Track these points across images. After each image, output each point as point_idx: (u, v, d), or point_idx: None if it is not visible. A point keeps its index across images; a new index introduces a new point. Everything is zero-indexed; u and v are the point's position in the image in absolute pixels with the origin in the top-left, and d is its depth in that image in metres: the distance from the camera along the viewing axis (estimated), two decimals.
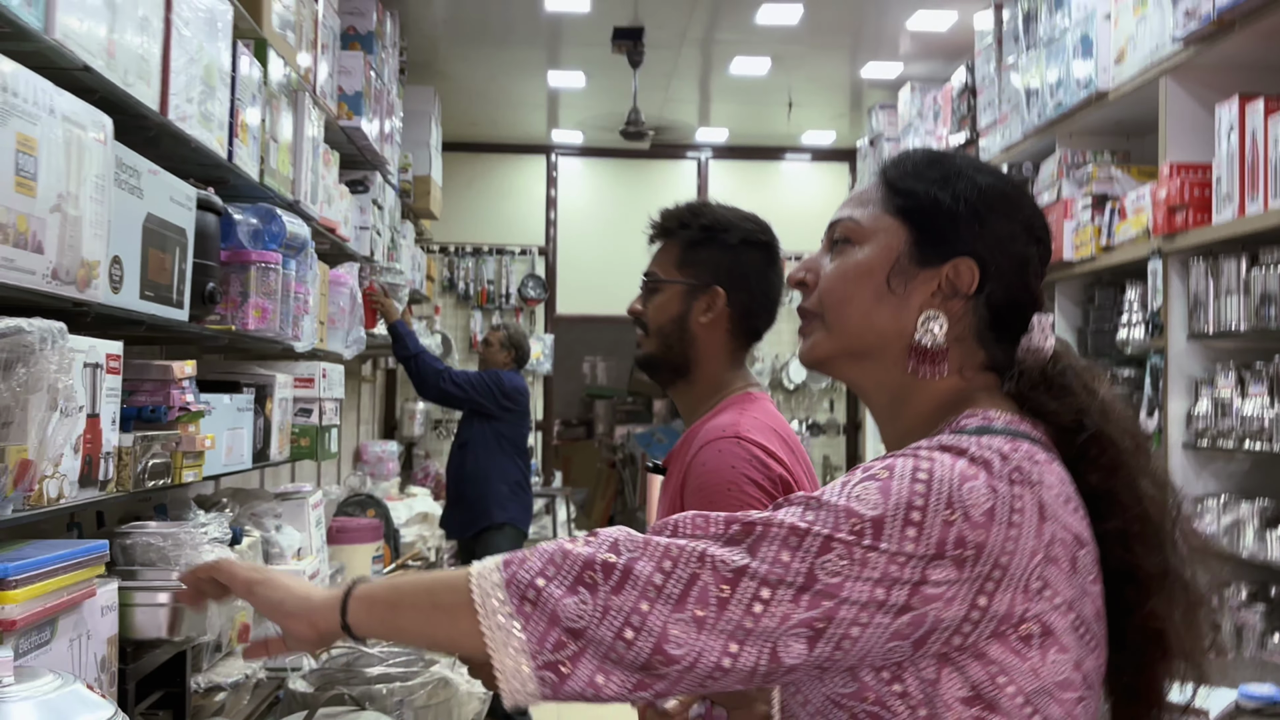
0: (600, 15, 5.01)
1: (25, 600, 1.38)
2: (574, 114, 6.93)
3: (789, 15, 4.98)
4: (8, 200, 1.41)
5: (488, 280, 7.67)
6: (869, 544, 0.88)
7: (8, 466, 1.44)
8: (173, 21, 2.04)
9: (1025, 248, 1.06)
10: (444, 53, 5.61)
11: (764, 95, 6.36)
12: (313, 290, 3.12)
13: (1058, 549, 0.92)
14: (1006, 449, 0.94)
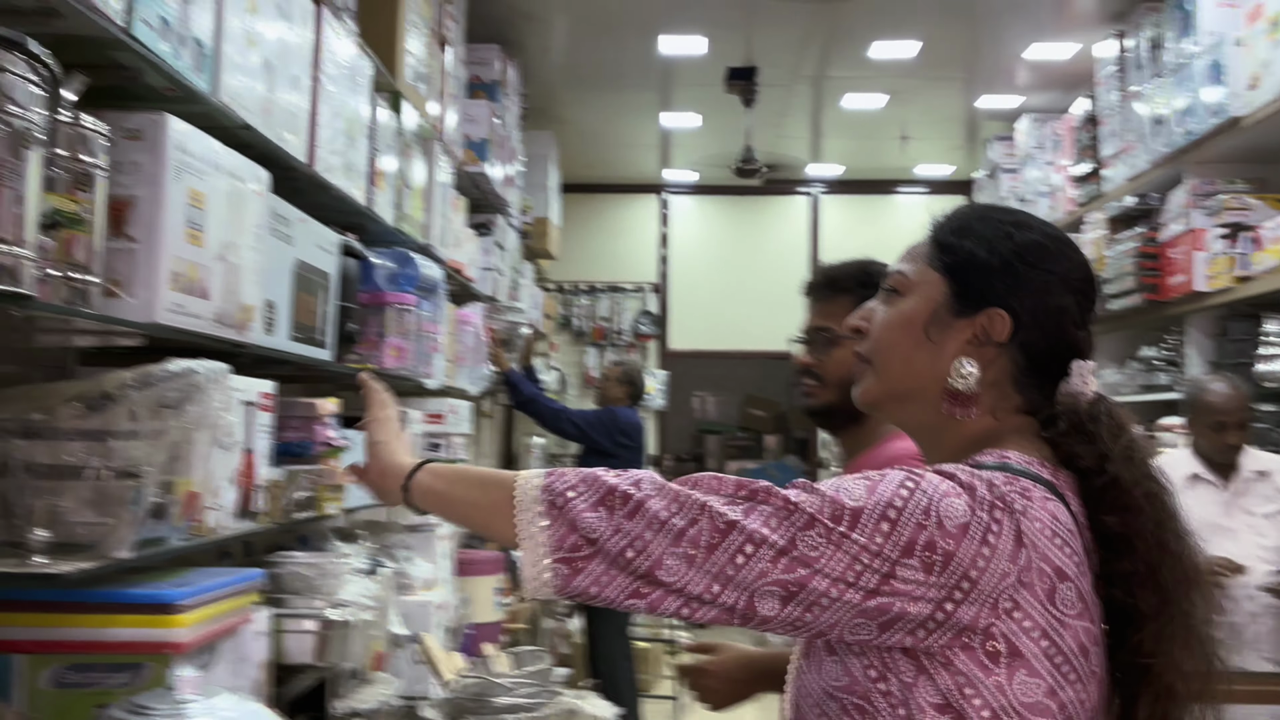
0: (714, 56, 5.08)
1: (193, 625, 1.48)
2: (687, 153, 7.02)
3: (905, 50, 4.98)
4: (180, 250, 1.52)
5: (602, 317, 7.79)
6: (844, 530, 0.97)
7: (177, 498, 1.54)
8: (320, 79, 2.16)
9: (1061, 298, 1.11)
10: (561, 97, 5.76)
11: (878, 129, 6.34)
12: (443, 329, 3.25)
13: (1033, 576, 0.98)
14: (999, 480, 1.01)
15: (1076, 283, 1.13)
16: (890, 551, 0.96)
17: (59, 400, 1.40)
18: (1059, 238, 1.16)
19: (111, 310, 1.43)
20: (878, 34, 4.82)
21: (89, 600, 1.43)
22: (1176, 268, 3.95)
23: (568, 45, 5.03)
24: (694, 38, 4.91)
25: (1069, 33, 4.79)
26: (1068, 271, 1.13)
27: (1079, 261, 1.15)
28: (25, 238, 1.16)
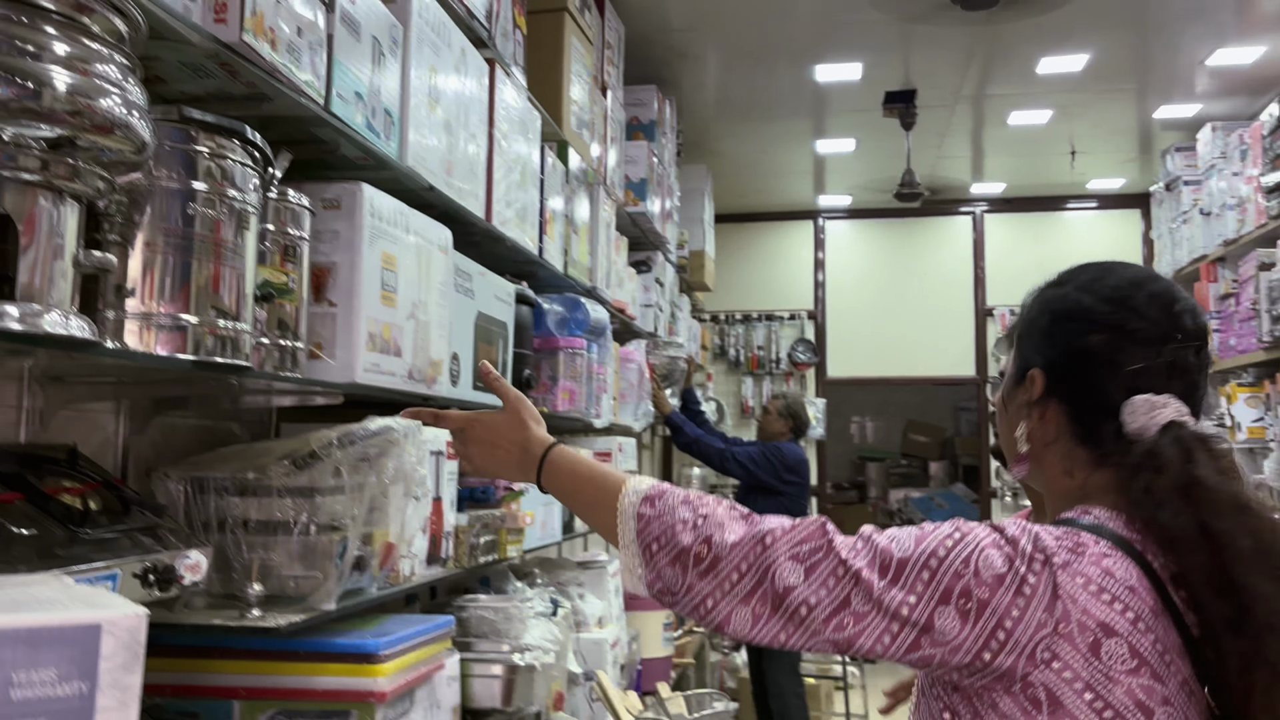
0: (870, 82, 5.02)
1: (393, 674, 1.53)
2: (842, 178, 6.94)
3: (1072, 64, 4.80)
4: (375, 312, 1.59)
5: (758, 346, 7.76)
6: (888, 582, 1.01)
7: (375, 550, 1.60)
8: (494, 135, 2.24)
9: (1084, 341, 1.12)
10: (715, 131, 5.79)
11: (1044, 145, 6.12)
12: (609, 369, 3.29)
13: (1073, 629, 0.99)
14: (1047, 536, 1.03)
15: (1103, 319, 1.12)
16: (930, 600, 1.01)
17: (270, 459, 1.48)
18: (1096, 279, 1.16)
19: (315, 372, 1.51)
20: (1043, 49, 4.66)
21: (298, 649, 1.50)
22: None
23: (721, 79, 5.06)
24: (849, 65, 4.85)
25: (1254, 36, 4.52)
26: (1091, 310, 1.13)
27: (1112, 300, 1.13)
28: (244, 312, 1.23)
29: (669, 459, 7.71)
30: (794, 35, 4.51)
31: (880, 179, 6.67)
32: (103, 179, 0.98)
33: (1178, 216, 6.08)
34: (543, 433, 1.29)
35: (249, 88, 1.34)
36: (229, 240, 1.19)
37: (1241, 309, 5.13)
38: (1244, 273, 5.09)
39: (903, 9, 4.20)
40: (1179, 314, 1.12)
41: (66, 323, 0.95)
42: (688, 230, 5.76)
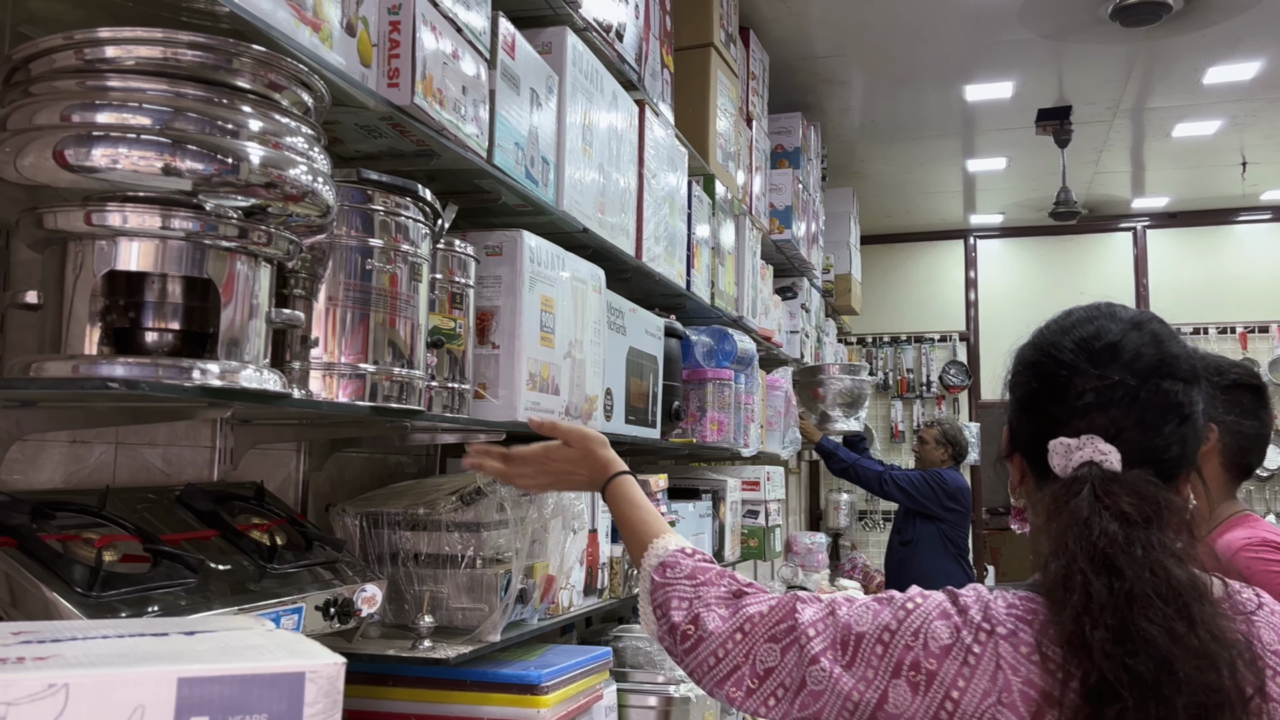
0: (1022, 99, 4.89)
1: (555, 704, 1.57)
2: (993, 197, 6.76)
3: (1242, 72, 4.56)
4: (535, 353, 1.65)
5: (907, 369, 7.61)
6: (847, 662, 1.06)
7: (536, 582, 1.65)
8: (644, 174, 2.29)
9: (1026, 387, 1.14)
10: (860, 153, 5.74)
11: (1211, 157, 5.83)
12: (756, 398, 3.30)
13: (1015, 697, 0.99)
14: (998, 605, 1.04)
15: (1038, 363, 1.13)
16: (883, 674, 1.04)
17: (439, 495, 1.55)
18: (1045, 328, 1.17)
19: (479, 412, 1.57)
20: (1210, 59, 4.45)
21: (466, 679, 1.56)
22: None
23: (866, 103, 5.01)
24: (999, 84, 4.74)
25: None
26: (1032, 358, 1.15)
27: (1049, 340, 1.14)
28: (416, 358, 1.30)
29: (816, 484, 7.63)
30: (941, 56, 4.44)
31: (1034, 197, 6.47)
32: (292, 241, 1.06)
33: None
34: (609, 455, 1.42)
35: (418, 145, 1.41)
36: (403, 291, 1.26)
37: None
38: None
39: (1055, 27, 4.08)
40: (1105, 351, 1.09)
41: (260, 376, 1.03)
42: (833, 254, 5.72)
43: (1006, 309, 7.43)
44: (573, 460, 1.41)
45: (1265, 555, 1.66)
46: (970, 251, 7.59)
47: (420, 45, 1.29)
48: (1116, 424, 1.06)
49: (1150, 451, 1.06)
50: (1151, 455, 1.06)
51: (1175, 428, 1.07)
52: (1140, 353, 1.08)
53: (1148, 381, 1.07)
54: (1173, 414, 1.07)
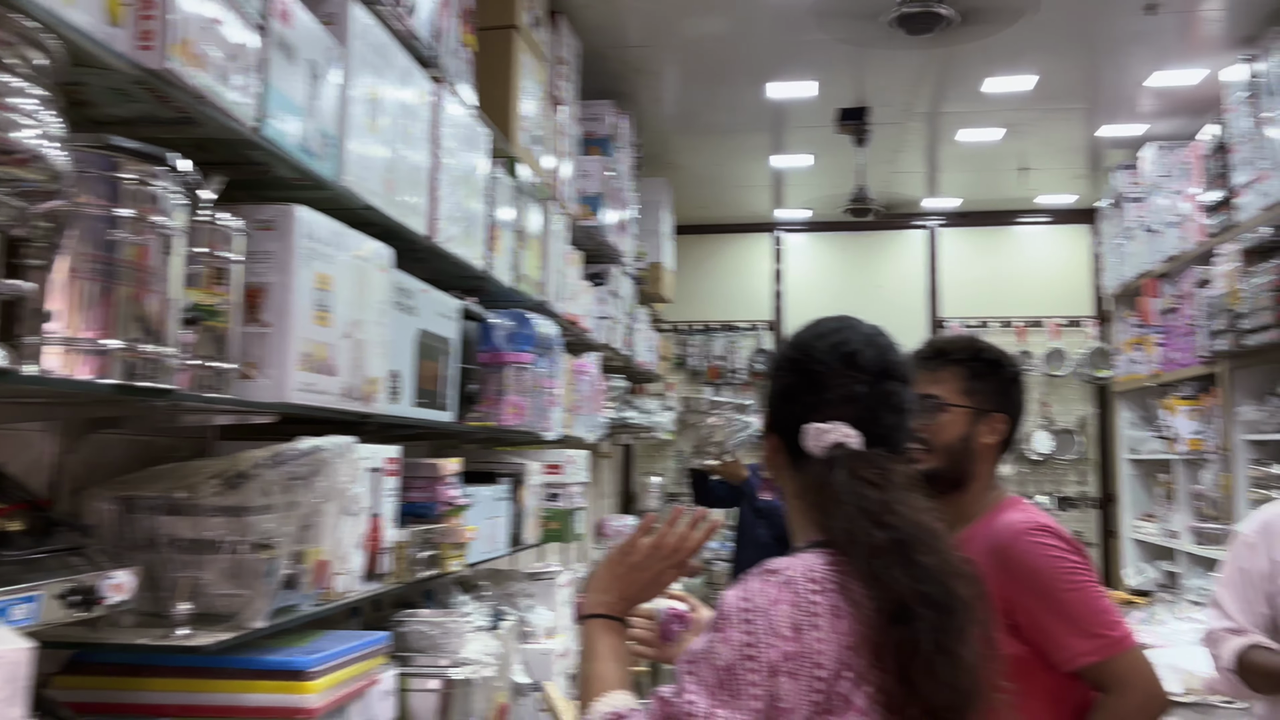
0: (825, 99, 5.08)
1: (323, 690, 1.54)
2: (799, 193, 7.01)
3: (1021, 84, 4.89)
4: (309, 332, 1.61)
5: (717, 356, 7.81)
6: (728, 696, 1.16)
7: (308, 567, 1.62)
8: (438, 153, 2.26)
9: (785, 379, 1.36)
10: (674, 144, 5.83)
11: (996, 161, 6.22)
12: (560, 382, 3.32)
13: (858, 640, 1.17)
14: (810, 565, 1.21)
15: (795, 361, 1.35)
16: (764, 682, 1.15)
17: (200, 478, 1.49)
18: (797, 332, 1.40)
19: (247, 392, 1.52)
20: (991, 70, 4.74)
21: (228, 667, 1.51)
22: None
23: (679, 95, 5.10)
24: (804, 83, 4.92)
25: (1194, 59, 4.62)
26: (789, 355, 1.37)
27: (802, 344, 1.37)
28: (168, 335, 1.25)
29: (629, 467, 7.74)
30: (749, 54, 4.56)
31: (837, 194, 6.74)
32: (20, 208, 0.99)
33: (1123, 232, 6.21)
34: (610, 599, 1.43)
35: (178, 111, 1.35)
36: (153, 264, 1.21)
37: (1181, 324, 5.24)
38: (1184, 289, 5.20)
39: (848, 31, 4.26)
40: (850, 356, 1.33)
41: None
42: (645, 242, 5.80)
43: (811, 300, 7.71)
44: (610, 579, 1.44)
45: (1045, 540, 1.82)
46: (778, 244, 7.84)
47: (175, 7, 1.23)
48: (857, 413, 1.31)
49: (882, 435, 1.32)
50: (885, 437, 1.32)
51: (898, 418, 1.34)
52: (873, 359, 1.34)
53: (879, 382, 1.33)
54: (897, 407, 1.34)
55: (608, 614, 1.41)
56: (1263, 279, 4.11)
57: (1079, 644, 1.73)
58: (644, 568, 1.44)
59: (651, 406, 6.44)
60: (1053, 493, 7.20)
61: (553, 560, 4.81)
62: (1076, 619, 1.74)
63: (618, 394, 5.27)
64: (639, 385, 7.07)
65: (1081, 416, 7.23)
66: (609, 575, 1.44)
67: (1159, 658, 3.21)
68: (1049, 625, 1.74)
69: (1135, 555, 6.30)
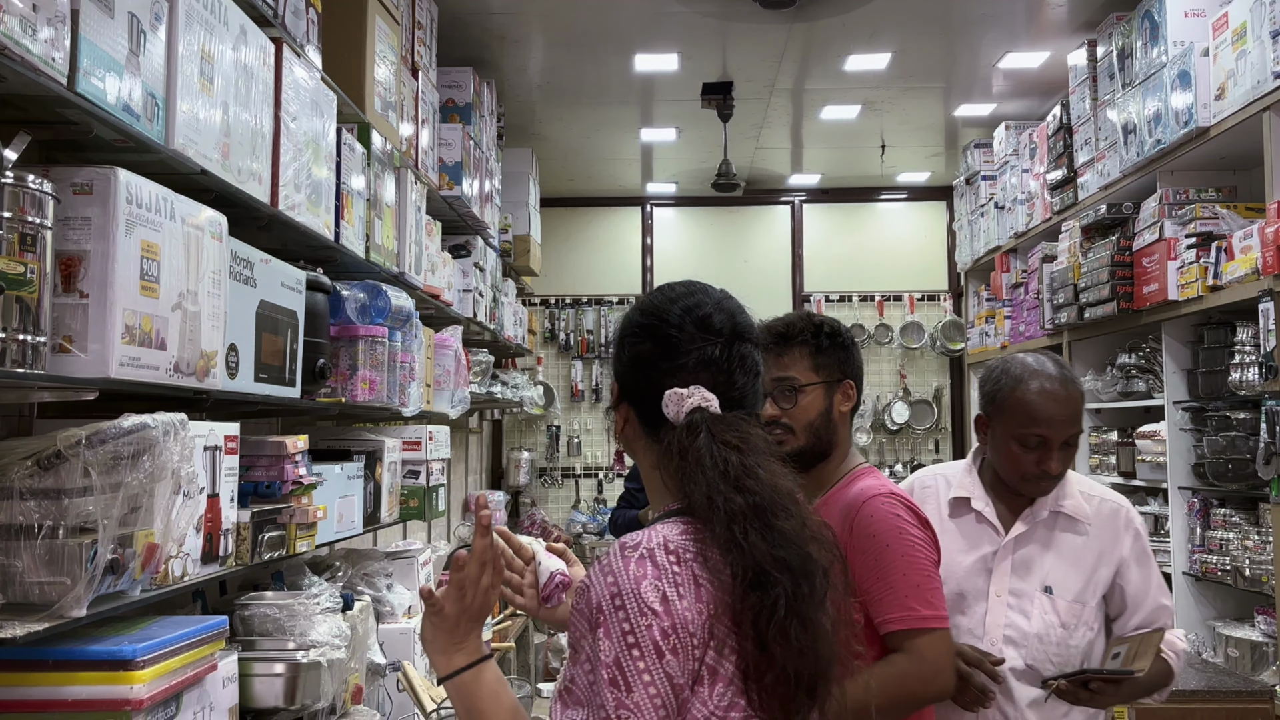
0: (689, 73, 5.09)
1: (152, 679, 1.47)
2: (667, 166, 7.03)
3: (877, 62, 4.99)
4: (134, 304, 1.52)
5: (587, 330, 7.80)
6: (626, 686, 1.14)
7: (136, 551, 1.54)
8: (281, 117, 2.16)
9: (638, 346, 1.34)
10: (540, 115, 5.77)
11: (856, 139, 6.36)
12: (418, 356, 3.24)
13: (720, 608, 1.17)
14: (667, 536, 1.20)
15: (651, 327, 1.33)
16: (653, 666, 1.14)
17: (12, 460, 1.40)
18: (648, 298, 1.38)
19: (63, 367, 1.43)
20: (850, 47, 4.83)
21: (46, 658, 1.43)
22: (1150, 276, 3.96)
23: (544, 64, 5.04)
24: (666, 55, 4.91)
25: (1040, 41, 4.81)
26: (642, 323, 1.35)
27: (655, 310, 1.35)
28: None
29: (498, 443, 7.68)
30: (613, 23, 4.53)
31: (703, 169, 6.79)
32: None
33: (976, 209, 6.44)
34: (451, 652, 1.35)
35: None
36: None
37: (1029, 298, 5.47)
38: (1031, 264, 5.43)
39: (710, 6, 4.27)
40: (705, 319, 1.32)
41: None
42: (511, 214, 5.72)
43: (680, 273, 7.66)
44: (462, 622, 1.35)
45: (891, 507, 1.89)
46: (647, 218, 7.85)
47: None
48: (714, 378, 1.30)
49: (739, 398, 1.31)
50: (740, 400, 1.31)
51: (752, 380, 1.34)
52: (725, 322, 1.33)
53: (732, 345, 1.32)
54: (751, 369, 1.34)
55: (463, 666, 1.32)
56: (1101, 254, 4.32)
57: (890, 610, 1.80)
58: (463, 606, 1.34)
59: (520, 381, 6.39)
60: (910, 461, 7.45)
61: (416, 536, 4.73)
62: (895, 586, 1.80)
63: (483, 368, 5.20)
64: (507, 360, 7.01)
65: (938, 387, 7.50)
66: (436, 634, 1.35)
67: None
68: (870, 586, 1.81)
69: None
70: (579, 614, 1.20)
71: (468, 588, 1.34)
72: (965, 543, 2.15)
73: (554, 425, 7.73)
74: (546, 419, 7.72)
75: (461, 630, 1.34)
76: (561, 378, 7.81)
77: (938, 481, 2.23)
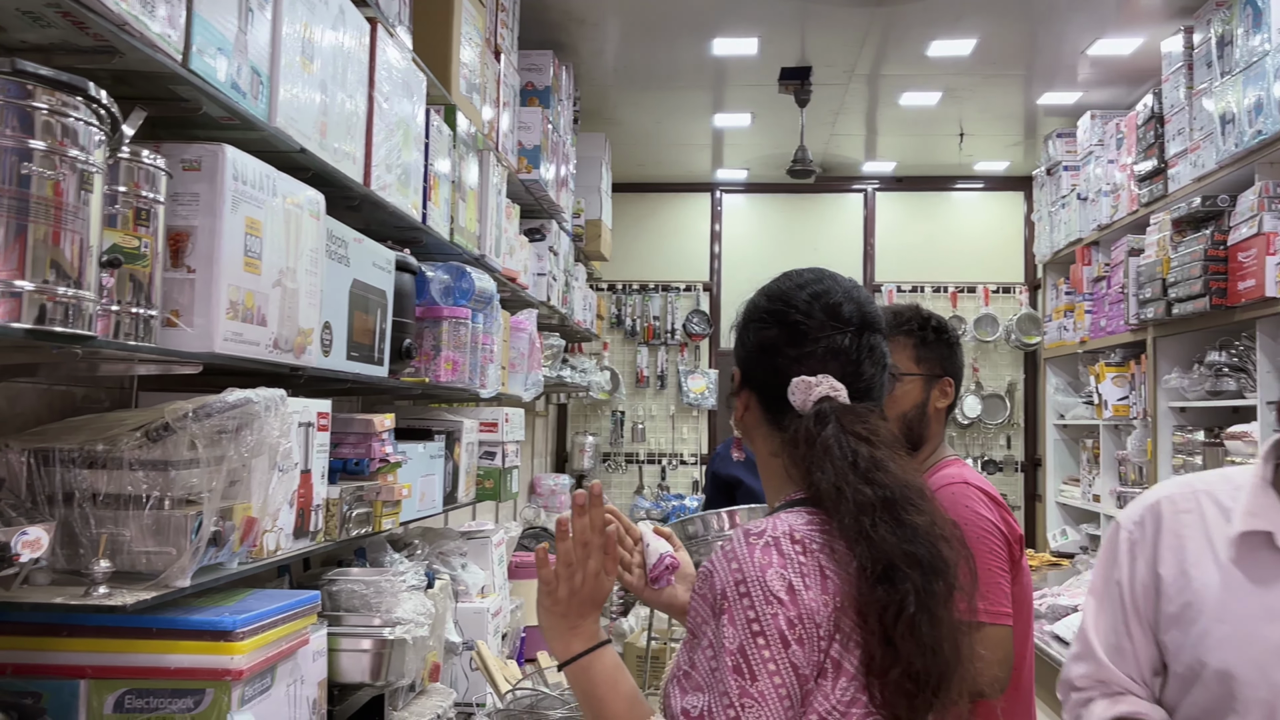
0: (767, 57, 5.04)
1: (250, 651, 1.49)
2: (739, 152, 6.97)
3: (961, 48, 4.89)
4: (237, 280, 1.54)
5: (654, 316, 7.78)
6: (751, 676, 1.12)
7: (235, 524, 1.56)
8: (375, 98, 2.17)
9: (761, 334, 1.32)
10: (614, 99, 5.75)
11: (934, 126, 6.25)
12: (496, 339, 3.25)
13: (845, 601, 1.15)
14: (793, 526, 1.19)
15: (780, 313, 1.32)
16: (778, 655, 1.12)
17: (121, 431, 1.42)
18: (776, 284, 1.36)
19: (170, 341, 1.45)
20: (934, 33, 4.74)
21: (151, 626, 1.45)
22: (1246, 272, 3.83)
23: (620, 47, 5.01)
24: (746, 39, 4.86)
25: (1132, 27, 4.67)
26: (768, 308, 1.33)
27: (784, 295, 1.33)
28: (87, 278, 1.17)
29: (563, 427, 7.71)
30: (694, 6, 4.49)
31: (776, 154, 6.72)
32: None
33: (1057, 200, 6.29)
34: (569, 638, 1.34)
35: (97, 40, 1.26)
36: (70, 202, 1.13)
37: (1112, 292, 5.34)
38: (1115, 257, 5.29)
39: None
40: (834, 308, 1.30)
41: None
42: (584, 199, 5.72)
43: (747, 262, 7.71)
44: (583, 605, 1.34)
45: (972, 496, 1.91)
46: (716, 205, 7.81)
47: None
48: (842, 367, 1.28)
49: (865, 389, 1.30)
50: (867, 392, 1.30)
51: (879, 371, 1.32)
52: (855, 311, 1.32)
53: (861, 335, 1.31)
54: (879, 360, 1.32)
55: (580, 652, 1.31)
56: (1193, 248, 4.19)
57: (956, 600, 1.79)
58: (573, 588, 1.33)
59: (587, 366, 6.40)
60: (980, 456, 7.33)
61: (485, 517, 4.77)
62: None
63: (554, 352, 5.21)
64: (575, 344, 7.03)
65: (1010, 381, 7.36)
66: (551, 619, 1.34)
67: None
68: None
69: (1059, 518, 6.45)
70: (701, 599, 1.18)
71: (576, 569, 1.33)
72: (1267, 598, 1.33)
73: (619, 411, 7.74)
74: (611, 404, 7.73)
75: (575, 614, 1.33)
76: (627, 363, 7.81)
77: (1203, 504, 1.42)
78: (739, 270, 7.73)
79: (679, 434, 7.73)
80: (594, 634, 1.33)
